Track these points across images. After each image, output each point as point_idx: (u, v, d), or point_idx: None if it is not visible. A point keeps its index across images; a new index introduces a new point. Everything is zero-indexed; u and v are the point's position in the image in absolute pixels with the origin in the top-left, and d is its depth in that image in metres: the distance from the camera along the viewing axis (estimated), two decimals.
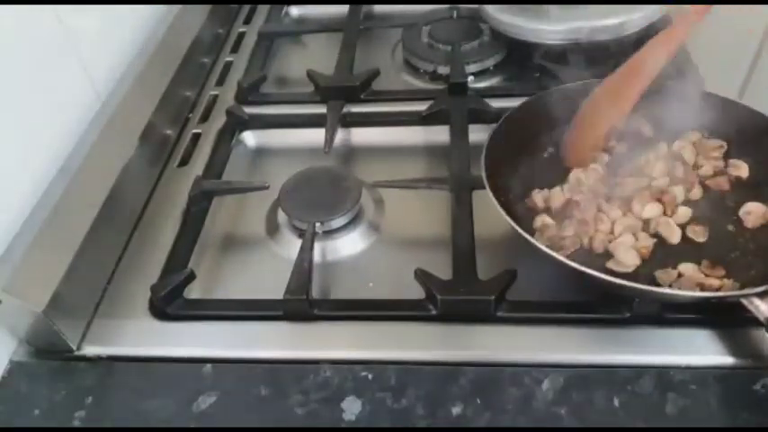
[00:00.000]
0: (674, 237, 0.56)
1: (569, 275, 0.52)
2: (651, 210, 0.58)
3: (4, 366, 0.54)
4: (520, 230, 0.52)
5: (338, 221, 0.63)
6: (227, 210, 0.69)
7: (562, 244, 0.56)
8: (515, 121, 0.63)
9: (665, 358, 0.51)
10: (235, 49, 0.90)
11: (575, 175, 0.61)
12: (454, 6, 0.90)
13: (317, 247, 0.61)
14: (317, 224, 0.62)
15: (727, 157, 0.63)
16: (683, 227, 0.57)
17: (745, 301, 0.48)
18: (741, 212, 0.58)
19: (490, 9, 0.81)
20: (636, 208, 0.58)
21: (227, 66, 0.87)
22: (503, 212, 0.54)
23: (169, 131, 0.75)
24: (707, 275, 0.53)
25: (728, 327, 0.52)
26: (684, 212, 0.58)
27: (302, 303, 0.55)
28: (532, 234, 0.57)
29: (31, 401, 0.52)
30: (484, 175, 0.56)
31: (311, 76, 0.79)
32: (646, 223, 0.58)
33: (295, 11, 0.99)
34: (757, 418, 0.47)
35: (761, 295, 0.48)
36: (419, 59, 0.84)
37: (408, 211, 0.66)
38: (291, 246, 0.62)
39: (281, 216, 0.65)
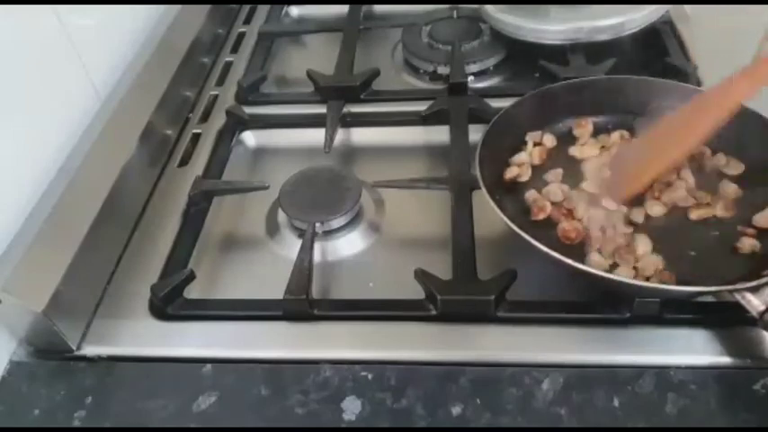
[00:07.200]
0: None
1: (569, 275, 0.52)
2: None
3: (4, 366, 0.54)
4: (517, 229, 0.52)
5: (338, 221, 0.63)
6: (227, 210, 0.69)
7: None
8: (509, 119, 0.63)
9: (665, 358, 0.51)
10: (235, 49, 0.90)
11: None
12: (454, 6, 0.90)
13: (317, 247, 0.61)
14: (317, 224, 0.62)
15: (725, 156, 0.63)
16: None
17: (737, 296, 0.48)
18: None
19: (490, 9, 0.82)
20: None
21: (227, 66, 0.87)
22: (499, 212, 0.54)
23: (169, 131, 0.75)
24: None
25: (728, 326, 0.52)
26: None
27: (302, 303, 0.55)
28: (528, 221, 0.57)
29: (30, 401, 0.52)
30: (479, 174, 0.56)
31: (311, 75, 0.79)
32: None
33: (295, 11, 0.99)
34: (757, 418, 0.47)
35: (753, 290, 0.48)
36: (419, 59, 0.84)
37: (408, 211, 0.66)
38: (291, 246, 0.62)
39: (281, 216, 0.65)
